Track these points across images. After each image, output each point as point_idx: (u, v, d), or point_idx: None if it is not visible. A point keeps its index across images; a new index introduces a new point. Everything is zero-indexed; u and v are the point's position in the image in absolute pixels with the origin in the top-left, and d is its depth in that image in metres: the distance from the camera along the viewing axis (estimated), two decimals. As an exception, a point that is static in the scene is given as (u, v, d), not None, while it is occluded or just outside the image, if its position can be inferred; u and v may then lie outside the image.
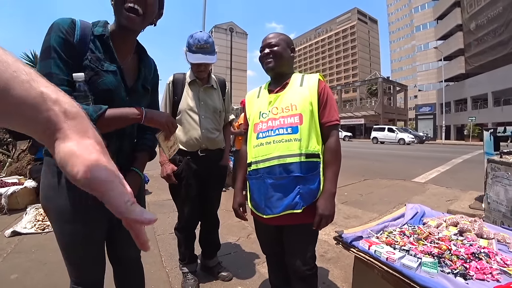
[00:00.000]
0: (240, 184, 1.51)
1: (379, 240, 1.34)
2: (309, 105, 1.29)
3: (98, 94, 0.98)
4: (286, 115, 1.30)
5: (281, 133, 1.28)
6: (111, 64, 1.02)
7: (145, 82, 1.19)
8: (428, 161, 9.85)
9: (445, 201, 4.17)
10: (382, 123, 38.46)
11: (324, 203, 1.24)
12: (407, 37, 70.99)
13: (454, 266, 1.11)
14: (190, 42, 1.81)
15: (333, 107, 1.34)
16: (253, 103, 1.47)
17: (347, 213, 3.64)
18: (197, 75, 1.92)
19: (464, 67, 35.81)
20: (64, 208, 1.00)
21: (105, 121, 0.94)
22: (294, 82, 1.39)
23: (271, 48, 1.37)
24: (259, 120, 1.38)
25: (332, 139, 1.31)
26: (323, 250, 2.58)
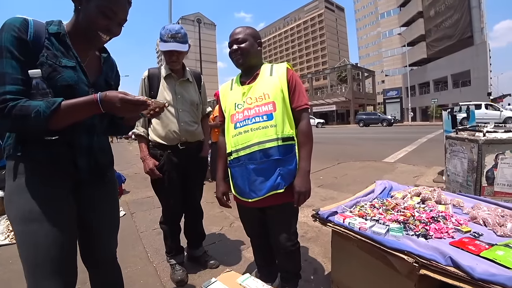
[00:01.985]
0: (221, 173, 1.57)
1: (352, 213, 1.48)
2: (280, 93, 1.38)
3: (59, 90, 0.95)
4: (260, 104, 1.38)
5: (258, 121, 1.36)
6: (69, 60, 1.01)
7: (108, 78, 1.19)
8: (397, 142, 10.43)
9: (412, 177, 4.49)
10: (353, 108, 39.79)
11: (300, 181, 1.34)
12: (372, 24, 73.23)
13: (416, 229, 1.27)
14: (162, 32, 1.83)
15: (302, 93, 1.43)
16: (227, 96, 1.53)
17: (323, 195, 3.84)
18: (170, 66, 1.92)
19: (426, 52, 37.77)
20: (25, 209, 0.95)
21: (62, 115, 0.90)
22: (264, 73, 1.46)
23: (239, 45, 1.42)
24: (235, 111, 1.44)
25: (303, 122, 1.41)
26: (303, 231, 2.72)
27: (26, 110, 0.86)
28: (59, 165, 1.01)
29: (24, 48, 0.91)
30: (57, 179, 1.02)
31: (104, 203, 1.22)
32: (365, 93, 45.19)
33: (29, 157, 0.97)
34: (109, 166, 1.25)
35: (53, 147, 0.99)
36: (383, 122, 28.02)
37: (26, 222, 0.96)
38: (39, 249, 0.96)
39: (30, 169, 0.98)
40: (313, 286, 1.85)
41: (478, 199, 1.67)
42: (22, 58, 0.90)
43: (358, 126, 29.87)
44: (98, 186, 1.18)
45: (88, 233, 1.18)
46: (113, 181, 1.29)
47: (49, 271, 0.98)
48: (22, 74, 0.90)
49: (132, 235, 2.90)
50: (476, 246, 1.11)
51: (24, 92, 0.89)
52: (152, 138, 1.96)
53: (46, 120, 0.87)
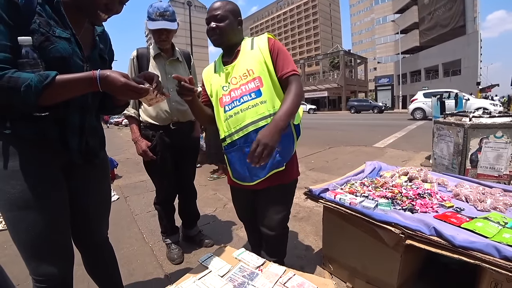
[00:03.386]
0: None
1: (343, 190, 1.54)
2: (264, 65, 1.29)
3: (51, 62, 0.87)
4: (245, 82, 1.29)
5: (246, 100, 1.27)
6: (63, 31, 0.92)
7: (102, 53, 1.12)
8: (387, 129, 10.60)
9: (400, 161, 4.62)
10: (345, 95, 39.92)
11: (264, 130, 1.16)
12: (366, 10, 72.68)
13: (403, 204, 1.34)
14: (150, 11, 1.78)
15: (287, 59, 1.31)
16: (212, 78, 1.43)
17: (314, 178, 3.92)
18: (159, 45, 1.89)
19: (418, 40, 37.80)
20: (15, 194, 0.90)
21: (55, 91, 0.84)
22: (245, 48, 1.37)
23: (217, 23, 1.30)
24: (222, 94, 1.35)
25: (292, 85, 1.26)
26: (295, 211, 2.80)
27: (15, 82, 0.78)
28: (48, 144, 0.95)
29: (15, 12, 0.82)
30: (46, 159, 0.97)
31: (95, 185, 1.19)
32: (357, 80, 45.27)
33: (15, 134, 0.90)
34: (101, 147, 1.20)
35: (42, 124, 0.92)
36: (374, 109, 28.27)
37: (16, 208, 0.92)
38: (32, 235, 0.93)
39: (17, 148, 0.91)
40: (305, 262, 1.93)
41: (462, 178, 1.76)
42: (11, 22, 0.81)
43: (350, 113, 30.05)
44: (89, 168, 1.14)
45: (79, 215, 1.15)
46: (105, 162, 1.25)
47: (45, 255, 0.97)
48: (11, 40, 0.81)
49: (127, 218, 2.94)
50: (458, 219, 1.18)
51: (11, 61, 0.81)
52: (143, 118, 1.94)
53: (36, 96, 0.80)
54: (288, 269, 1.12)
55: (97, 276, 1.30)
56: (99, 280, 1.31)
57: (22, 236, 0.94)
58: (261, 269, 1.13)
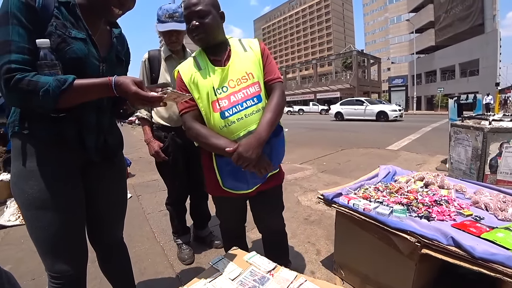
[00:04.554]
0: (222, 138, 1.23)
1: (357, 195, 1.51)
2: (260, 70, 1.27)
3: (68, 63, 0.90)
4: (246, 86, 1.23)
5: (250, 105, 1.21)
6: (79, 32, 0.95)
7: (118, 53, 1.13)
8: (401, 131, 10.39)
9: (415, 165, 4.51)
10: (357, 95, 39.30)
11: (246, 144, 1.12)
12: (380, 9, 71.39)
13: (419, 211, 1.30)
14: (159, 13, 1.80)
15: (274, 65, 1.31)
16: (198, 78, 1.24)
17: (326, 180, 3.88)
18: (170, 47, 1.90)
19: (434, 40, 36.88)
20: (33, 194, 0.93)
21: (72, 95, 0.86)
22: (237, 49, 1.29)
23: (200, 20, 1.18)
24: (215, 97, 1.21)
25: (276, 93, 1.25)
26: (306, 214, 2.78)
27: (34, 86, 0.81)
28: (66, 144, 0.97)
29: (33, 15, 0.85)
30: (64, 158, 0.99)
31: (110, 186, 1.20)
32: (370, 80, 44.57)
33: (34, 135, 0.93)
34: (118, 147, 1.22)
35: (59, 124, 0.95)
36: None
37: (33, 208, 0.95)
38: (48, 233, 0.96)
39: (35, 148, 0.94)
40: (316, 267, 1.91)
41: (481, 185, 1.70)
42: (29, 26, 0.84)
43: (363, 114, 29.58)
44: (106, 168, 1.15)
45: (95, 215, 1.17)
46: (122, 163, 1.26)
47: (60, 253, 1.00)
48: (29, 43, 0.83)
49: (139, 216, 2.98)
50: (477, 228, 1.14)
51: (30, 63, 0.83)
52: (155, 120, 1.97)
53: (54, 100, 0.83)
54: (299, 275, 1.10)
55: (110, 274, 1.32)
56: (112, 278, 1.33)
57: (39, 234, 0.97)
58: (272, 273, 1.12)
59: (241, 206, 1.49)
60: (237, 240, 1.58)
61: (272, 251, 1.55)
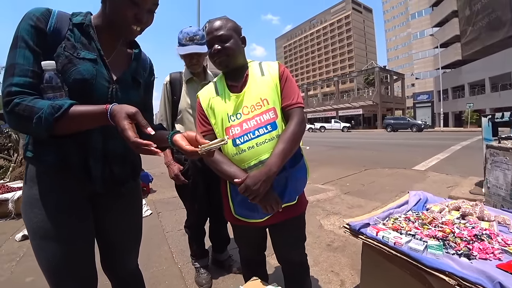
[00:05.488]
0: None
1: (386, 226, 1.40)
2: (276, 95, 1.21)
3: (73, 85, 0.86)
4: (259, 112, 1.18)
5: (262, 133, 1.16)
6: (90, 52, 0.91)
7: (136, 75, 1.06)
8: (428, 149, 9.94)
9: (445, 187, 4.24)
10: (380, 112, 38.57)
11: (254, 176, 1.08)
12: (402, 25, 70.69)
13: (458, 247, 1.17)
14: (180, 37, 1.82)
15: (294, 89, 1.24)
16: (214, 104, 1.25)
17: (350, 203, 3.72)
18: (191, 69, 1.91)
19: (460, 54, 35.76)
20: (38, 223, 0.90)
21: (67, 122, 0.79)
22: (255, 73, 1.26)
23: (222, 44, 1.19)
24: (229, 123, 1.20)
25: (294, 121, 1.18)
26: (329, 240, 2.65)
27: (29, 112, 0.77)
28: (70, 171, 0.92)
29: (41, 39, 0.84)
30: (69, 186, 0.94)
31: (123, 216, 1.13)
32: (393, 96, 43.72)
33: (39, 159, 0.90)
34: (133, 175, 1.13)
35: (63, 149, 0.89)
36: (412, 127, 27.08)
37: (38, 237, 0.92)
38: (52, 264, 0.93)
39: (41, 174, 0.91)
40: (340, 299, 1.78)
41: (527, 217, 1.53)
42: (37, 48, 0.83)
43: (386, 131, 29.09)
44: (114, 199, 1.08)
45: (106, 245, 1.13)
46: (135, 191, 1.18)
47: (65, 283, 0.97)
48: (35, 65, 0.82)
49: (158, 235, 2.97)
50: (528, 271, 1.00)
51: (33, 86, 0.81)
52: None
53: (47, 128, 0.77)
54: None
55: None
56: None
57: (43, 263, 0.94)
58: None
59: (258, 235, 1.42)
60: (256, 268, 1.53)
61: (293, 284, 1.46)
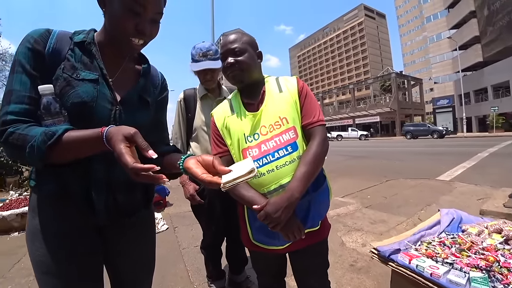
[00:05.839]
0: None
1: (419, 252, 1.27)
2: (296, 112, 1.14)
3: (71, 109, 0.79)
4: (279, 132, 1.11)
5: (283, 155, 1.09)
6: (91, 73, 0.84)
7: (144, 94, 0.97)
8: (451, 157, 9.48)
9: (475, 200, 3.97)
10: (399, 119, 37.66)
11: (275, 203, 1.00)
12: (417, 29, 69.48)
13: (506, 280, 1.04)
14: (193, 52, 1.78)
15: (315, 106, 1.16)
16: (229, 123, 1.20)
17: (372, 217, 3.53)
18: (205, 85, 1.87)
19: (481, 55, 34.56)
20: (39, 257, 0.85)
21: (63, 149, 0.73)
22: (272, 89, 1.19)
23: (236, 58, 1.13)
24: (246, 145, 1.14)
25: (316, 141, 1.10)
26: (352, 259, 2.49)
27: (22, 140, 0.72)
28: (71, 202, 0.86)
29: (39, 61, 0.79)
30: (72, 216, 0.87)
31: (134, 247, 1.04)
32: (412, 102, 42.66)
33: (40, 188, 0.86)
34: (141, 205, 1.03)
35: (64, 177, 0.83)
36: (433, 134, 26.21)
37: (40, 272, 0.86)
38: None
39: (43, 205, 0.86)
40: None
41: None
42: (34, 72, 0.78)
43: (405, 138, 28.31)
44: (125, 228, 1.00)
45: (116, 278, 1.06)
46: (147, 220, 1.10)
47: None
48: (32, 91, 0.77)
49: (174, 251, 2.91)
50: None
51: (30, 112, 0.76)
52: None
53: (40, 157, 0.71)
54: None
55: None
56: None
57: None
58: None
59: (278, 262, 1.32)
60: None
61: None
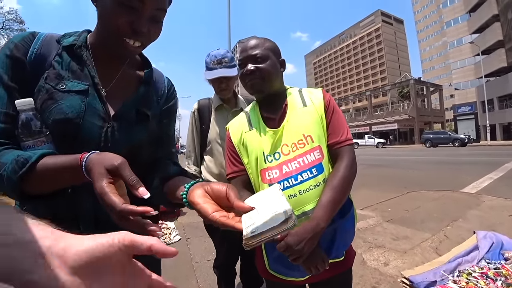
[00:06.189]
0: None
1: (458, 285, 1.12)
2: (322, 129, 1.03)
3: (53, 127, 0.66)
4: (302, 152, 1.00)
5: (307, 179, 0.98)
6: (80, 82, 0.71)
7: (143, 106, 0.81)
8: (476, 167, 9.00)
9: (507, 216, 3.68)
10: (418, 127, 36.67)
11: (298, 233, 0.88)
12: (436, 34, 67.85)
13: None
14: (207, 60, 1.69)
15: (342, 122, 1.06)
16: (248, 140, 1.09)
17: (394, 233, 3.33)
18: (220, 95, 1.76)
19: (505, 60, 33.24)
20: None
21: (38, 179, 0.60)
22: (295, 103, 1.08)
23: (257, 65, 1.03)
24: (265, 165, 1.03)
25: (344, 162, 0.99)
26: (374, 280, 2.32)
27: None
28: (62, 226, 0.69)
29: (18, 70, 0.67)
30: None
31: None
32: (431, 109, 41.53)
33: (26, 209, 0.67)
34: None
35: (51, 205, 0.68)
36: (454, 142, 25.38)
37: None
38: None
39: None
40: None
41: None
42: (12, 84, 0.66)
43: (425, 147, 27.52)
44: None
45: None
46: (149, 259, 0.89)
47: None
48: (9, 106, 0.65)
49: (186, 265, 2.84)
50: None
51: (7, 132, 0.65)
52: (204, 176, 1.80)
53: (13, 189, 0.60)
54: None
55: None
56: None
57: None
58: None
59: None
60: None
61: None
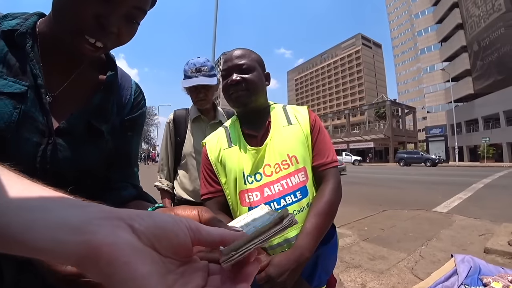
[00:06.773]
0: None
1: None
2: (308, 151, 0.98)
3: None
4: (286, 174, 0.93)
5: (290, 203, 0.91)
6: (17, 81, 0.52)
7: (97, 119, 0.62)
8: (447, 187, 9.39)
9: (477, 235, 3.80)
10: (392, 146, 38.07)
11: (280, 264, 0.80)
12: (412, 60, 71.96)
13: None
14: (186, 68, 1.60)
15: (328, 143, 1.01)
16: (227, 158, 1.00)
17: (371, 252, 3.33)
18: (198, 105, 1.66)
19: (472, 88, 35.73)
20: None
21: None
22: (279, 120, 1.02)
23: (243, 75, 0.96)
24: (245, 186, 0.94)
25: (328, 186, 0.93)
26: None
27: None
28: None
29: None
30: None
31: None
32: (405, 130, 43.43)
33: None
34: None
35: None
36: (426, 162, 26.63)
37: None
38: None
39: None
40: None
41: None
42: None
43: (399, 165, 28.56)
44: None
45: None
46: None
47: None
48: None
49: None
50: None
51: None
52: (177, 192, 1.70)
53: None
54: None
55: None
56: None
57: None
58: None
59: None
60: None
61: None
